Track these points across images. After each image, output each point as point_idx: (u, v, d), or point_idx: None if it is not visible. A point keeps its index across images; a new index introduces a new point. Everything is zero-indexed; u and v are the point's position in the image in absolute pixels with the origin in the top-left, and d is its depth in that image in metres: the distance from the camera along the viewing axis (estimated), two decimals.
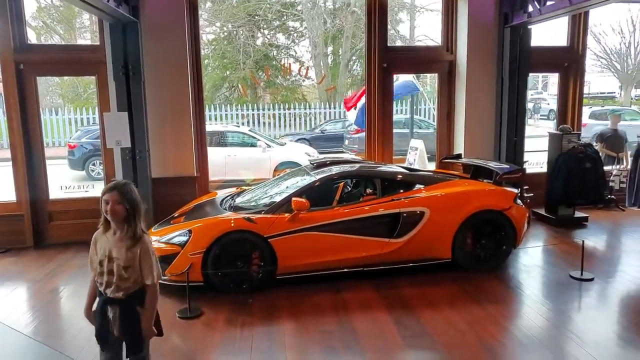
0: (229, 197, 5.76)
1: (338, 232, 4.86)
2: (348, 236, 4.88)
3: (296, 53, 26.04)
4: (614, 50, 27.69)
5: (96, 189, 7.43)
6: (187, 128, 6.44)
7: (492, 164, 5.77)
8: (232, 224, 4.71)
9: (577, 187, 6.55)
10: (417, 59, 7.28)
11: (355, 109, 9.10)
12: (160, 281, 4.75)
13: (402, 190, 5.18)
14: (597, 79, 29.85)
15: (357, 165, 5.59)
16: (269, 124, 19.57)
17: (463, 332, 3.93)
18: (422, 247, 5.00)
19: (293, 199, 4.81)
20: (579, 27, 7.48)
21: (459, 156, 6.66)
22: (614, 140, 7.60)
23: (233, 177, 10.57)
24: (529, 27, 6.63)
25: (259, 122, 19.54)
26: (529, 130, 7.84)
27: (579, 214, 6.97)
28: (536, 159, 8.07)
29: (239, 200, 5.51)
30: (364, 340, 3.83)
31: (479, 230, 5.09)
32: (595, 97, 29.20)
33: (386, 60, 6.99)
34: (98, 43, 6.39)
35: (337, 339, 3.84)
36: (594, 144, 7.35)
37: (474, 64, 6.90)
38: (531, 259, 5.57)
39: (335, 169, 5.37)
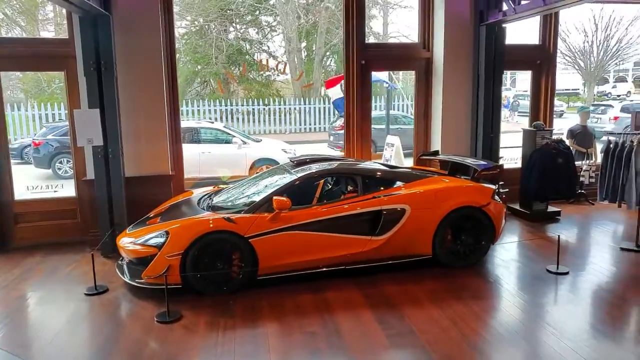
0: (206, 197, 5.63)
1: (320, 230, 4.82)
2: (330, 234, 4.84)
3: (269, 48, 25.87)
4: (577, 49, 28.54)
5: (66, 189, 7.17)
6: (161, 125, 6.26)
7: (470, 161, 5.82)
8: (211, 225, 4.60)
9: (550, 182, 6.69)
10: (394, 56, 7.28)
11: (340, 87, 8.99)
12: (137, 284, 4.68)
13: (382, 188, 5.17)
14: (562, 76, 30.63)
15: (337, 163, 5.54)
16: (244, 120, 19.39)
17: (446, 329, 3.95)
18: (403, 244, 5.00)
19: (274, 197, 4.73)
20: (549, 26, 7.62)
21: (436, 153, 6.69)
22: (583, 136, 7.80)
23: (208, 175, 10.38)
24: (504, 25, 6.71)
25: (232, 118, 19.31)
26: (507, 126, 7.96)
27: (551, 208, 7.13)
28: (510, 154, 8.20)
29: (216, 200, 5.39)
30: (349, 341, 3.79)
31: (458, 227, 5.13)
32: (560, 93, 29.99)
33: (364, 57, 6.96)
34: (67, 37, 6.13)
35: (322, 341, 3.80)
36: (565, 140, 7.51)
37: (450, 61, 6.94)
38: (508, 254, 5.66)
39: (315, 167, 5.31)
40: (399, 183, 5.27)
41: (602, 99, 28.26)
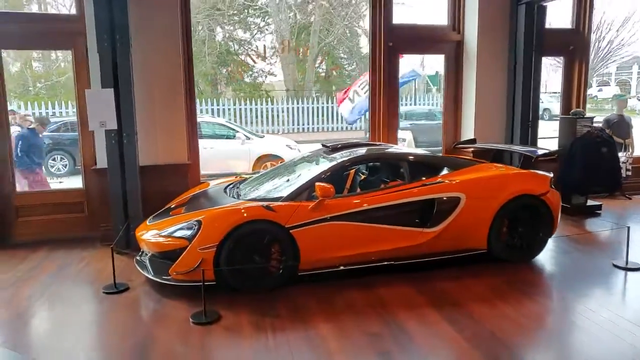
0: (232, 186, 5.11)
1: (367, 221, 4.32)
2: (378, 226, 4.35)
3: (257, 48, 25.35)
4: None
5: (72, 180, 6.58)
6: (178, 109, 5.72)
7: (517, 147, 5.39)
8: (250, 213, 4.07)
9: (594, 173, 6.29)
10: (423, 38, 6.81)
11: (350, 100, 8.60)
12: (163, 281, 4.13)
13: (430, 175, 4.69)
14: (554, 75, 30.41)
15: (379, 148, 5.06)
16: (235, 120, 18.82)
17: (527, 328, 3.48)
18: (456, 237, 4.52)
19: (317, 184, 4.22)
20: (584, 9, 7.24)
21: (473, 141, 6.27)
22: (620, 126, 7.40)
23: (211, 172, 9.85)
24: (544, 4, 6.30)
25: (223, 117, 18.76)
26: None
27: (590, 202, 6.72)
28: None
29: (246, 188, 4.87)
30: (421, 343, 3.30)
31: (515, 217, 4.66)
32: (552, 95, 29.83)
33: (392, 39, 6.51)
34: (75, 12, 5.57)
35: (390, 342, 3.29)
36: None
37: (484, 44, 6.51)
38: (562, 247, 5.20)
39: (358, 152, 4.81)
40: (447, 170, 4.80)
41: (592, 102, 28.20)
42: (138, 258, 4.58)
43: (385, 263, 4.38)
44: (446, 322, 3.56)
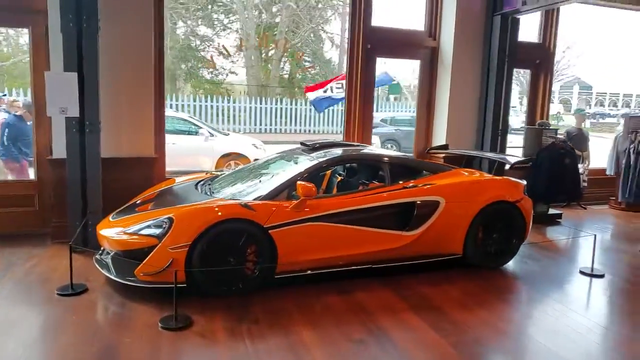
0: (203, 182, 4.84)
1: (348, 223, 4.19)
2: (359, 228, 4.22)
3: (219, 45, 24.85)
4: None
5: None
6: (147, 100, 5.38)
7: (490, 154, 5.43)
8: (227, 211, 3.84)
9: (558, 183, 6.46)
10: (401, 43, 6.78)
11: (324, 91, 8.47)
12: (128, 282, 3.82)
13: (410, 178, 4.63)
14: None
15: (361, 149, 4.95)
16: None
17: (505, 332, 3.46)
18: (434, 241, 4.47)
19: (298, 182, 4.05)
20: (550, 24, 7.47)
21: (445, 147, 6.28)
22: (579, 139, 7.68)
23: (174, 168, 9.43)
24: (518, 17, 6.42)
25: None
26: None
27: (552, 211, 6.91)
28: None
29: (219, 186, 4.62)
30: (407, 349, 3.19)
31: (490, 223, 4.67)
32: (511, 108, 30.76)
33: (370, 41, 6.44)
34: None
35: (375, 350, 3.16)
36: None
37: (460, 52, 6.56)
38: (529, 254, 5.26)
39: (337, 152, 4.68)
40: (426, 173, 4.75)
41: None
42: (98, 257, 4.24)
43: (364, 267, 4.26)
44: (430, 328, 3.47)
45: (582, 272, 4.74)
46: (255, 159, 5.45)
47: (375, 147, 5.69)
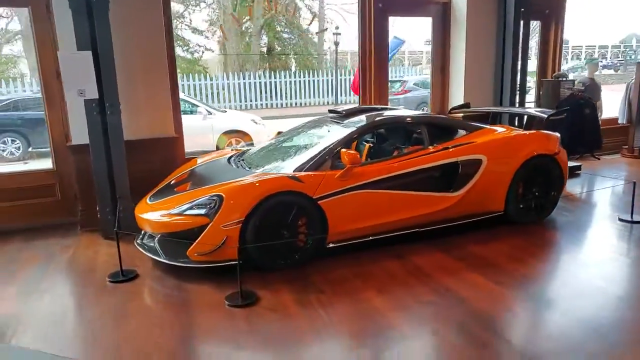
0: (234, 158, 4.70)
1: (393, 188, 4.11)
2: (405, 192, 4.16)
3: (191, 22, 24.17)
4: None
5: (38, 162, 5.82)
6: (162, 76, 5.13)
7: (519, 110, 5.37)
8: (277, 184, 3.72)
9: (579, 134, 6.45)
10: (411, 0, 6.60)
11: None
12: (181, 264, 3.70)
13: (448, 138, 4.54)
14: None
15: (395, 112, 4.84)
16: None
17: (565, 279, 3.54)
18: (477, 200, 4.43)
19: (343, 150, 3.94)
20: None
21: (467, 105, 6.19)
22: (592, 89, 7.64)
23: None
24: None
25: None
26: None
27: (571, 163, 6.91)
28: None
29: (254, 159, 4.49)
30: (479, 306, 3.17)
31: (530, 178, 4.63)
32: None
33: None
34: None
35: (448, 309, 3.14)
36: None
37: (474, 8, 6.40)
38: (565, 206, 5.27)
39: (374, 116, 4.55)
40: (462, 132, 4.67)
41: None
42: (139, 242, 4.11)
43: (412, 231, 4.21)
44: (491, 282, 3.48)
45: (621, 220, 4.75)
46: (279, 132, 5.29)
47: (405, 109, 5.56)
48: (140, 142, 5.04)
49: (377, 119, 4.48)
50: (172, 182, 4.46)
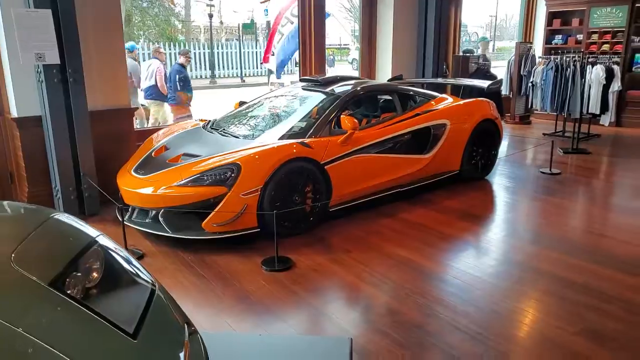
0: (209, 126, 4.56)
1: (382, 152, 4.44)
2: (392, 155, 4.51)
3: None
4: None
5: None
6: (117, 41, 4.69)
7: (466, 81, 6.05)
8: (290, 151, 3.78)
9: None
10: None
11: (273, 54, 8.23)
12: (197, 236, 3.57)
13: (415, 105, 4.98)
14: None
15: (374, 82, 5.13)
16: None
17: (537, 218, 4.28)
18: (442, 160, 4.96)
19: (343, 116, 4.13)
20: None
21: (400, 77, 6.71)
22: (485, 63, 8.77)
23: None
24: None
25: None
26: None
27: None
28: None
29: (240, 128, 4.43)
30: (483, 243, 3.75)
31: (478, 140, 5.29)
32: (330, 47, 30.84)
33: None
34: None
35: (466, 250, 3.64)
36: None
37: None
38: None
39: (352, 84, 4.76)
40: (422, 100, 5.13)
41: None
42: (135, 219, 3.84)
43: (395, 191, 4.59)
44: (477, 225, 4.13)
45: (542, 172, 5.72)
46: (240, 102, 5.20)
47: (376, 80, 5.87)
48: (96, 114, 4.56)
49: (363, 85, 4.72)
50: (152, 154, 4.19)
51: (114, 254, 1.58)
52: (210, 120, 4.84)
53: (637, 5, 8.32)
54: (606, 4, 8.67)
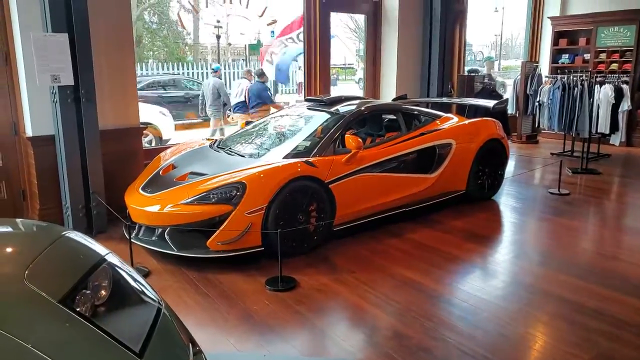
0: (216, 146, 4.64)
1: (387, 171, 4.49)
2: (396, 175, 4.56)
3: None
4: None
5: None
6: (129, 61, 4.82)
7: (457, 100, 6.08)
8: (294, 170, 3.83)
9: None
10: None
11: (271, 63, 8.45)
12: (201, 255, 3.61)
13: (421, 125, 5.03)
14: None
15: (379, 101, 5.22)
16: None
17: (546, 239, 4.31)
18: (448, 180, 4.98)
19: (348, 135, 4.18)
20: None
21: (404, 97, 6.78)
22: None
23: None
24: None
25: None
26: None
27: None
28: None
29: (246, 147, 4.51)
30: (486, 265, 3.74)
31: (484, 160, 5.31)
32: (334, 67, 30.86)
33: None
34: None
35: (471, 271, 3.64)
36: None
37: (404, 6, 7.01)
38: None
39: (356, 103, 4.82)
40: (427, 119, 5.18)
41: None
42: (141, 237, 3.89)
43: (400, 210, 4.62)
44: (484, 247, 4.16)
45: (551, 193, 5.71)
46: (247, 122, 5.30)
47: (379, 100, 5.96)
48: (106, 133, 4.66)
49: (367, 105, 4.79)
50: (160, 172, 4.26)
51: (122, 272, 1.62)
52: (216, 140, 4.93)
53: None
54: (614, 23, 8.72)
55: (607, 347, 2.67)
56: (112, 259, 1.64)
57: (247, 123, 5.31)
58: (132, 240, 3.84)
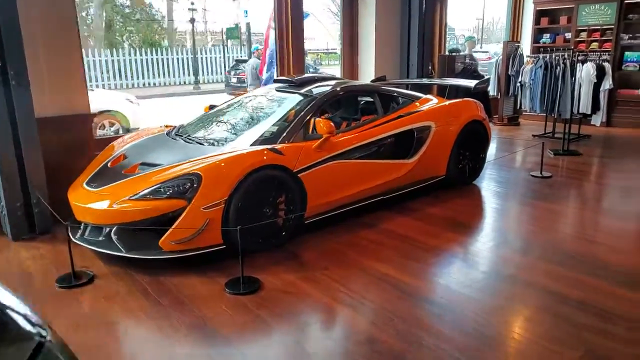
0: (174, 133, 4.19)
1: (362, 158, 4.09)
2: (372, 161, 4.17)
3: None
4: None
5: None
6: (73, 43, 4.30)
7: (437, 80, 5.71)
8: (258, 158, 3.41)
9: None
10: None
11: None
12: (154, 256, 3.19)
13: (396, 107, 4.64)
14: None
15: (354, 82, 4.78)
16: None
17: (528, 225, 3.98)
18: (427, 165, 4.63)
19: (318, 120, 3.77)
20: None
21: (383, 78, 6.39)
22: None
23: None
24: None
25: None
26: None
27: None
28: None
29: (208, 134, 4.06)
30: (470, 255, 3.40)
31: (465, 142, 4.96)
32: (317, 51, 30.48)
33: None
34: None
35: (452, 263, 3.31)
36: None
37: None
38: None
39: (330, 84, 4.40)
40: (406, 101, 4.80)
41: None
42: (87, 237, 3.44)
43: (375, 199, 4.24)
44: (464, 235, 3.82)
45: (533, 176, 5.41)
46: (211, 106, 4.83)
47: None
48: (46, 120, 4.16)
49: (342, 86, 4.37)
50: (108, 164, 3.80)
51: None
52: (175, 126, 4.48)
53: (626, 1, 8.10)
54: (595, 0, 8.44)
55: (595, 342, 2.40)
56: None
57: (211, 107, 4.84)
58: (77, 241, 3.40)
